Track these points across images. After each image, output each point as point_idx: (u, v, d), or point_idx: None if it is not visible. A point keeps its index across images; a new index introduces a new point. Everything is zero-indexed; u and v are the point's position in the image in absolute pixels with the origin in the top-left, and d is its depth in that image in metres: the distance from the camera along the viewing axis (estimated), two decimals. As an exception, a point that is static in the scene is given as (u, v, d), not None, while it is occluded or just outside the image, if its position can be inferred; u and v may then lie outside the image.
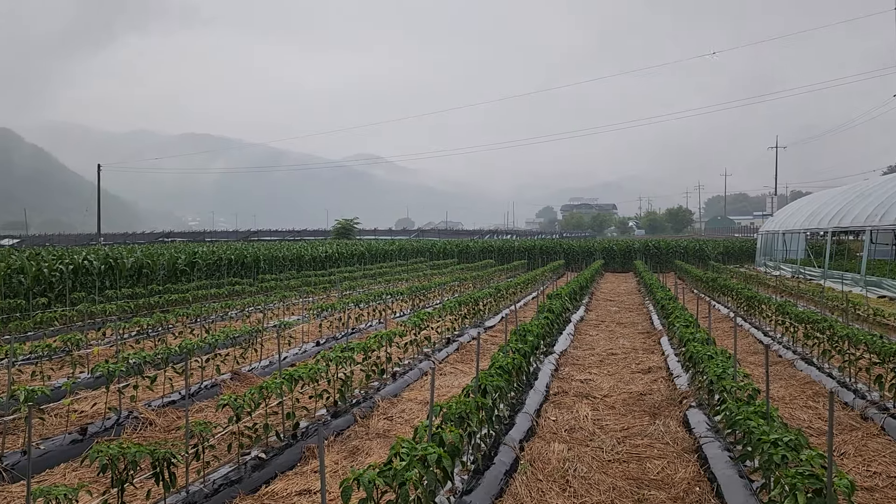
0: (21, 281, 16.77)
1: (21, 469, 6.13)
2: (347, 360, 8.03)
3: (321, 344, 12.47)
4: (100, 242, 58.67)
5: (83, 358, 10.26)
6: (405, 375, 9.80)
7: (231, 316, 14.97)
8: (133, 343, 11.53)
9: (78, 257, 19.38)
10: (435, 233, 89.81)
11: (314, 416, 7.58)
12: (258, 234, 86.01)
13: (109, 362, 7.62)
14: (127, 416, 7.60)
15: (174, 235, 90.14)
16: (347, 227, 72.54)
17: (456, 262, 41.99)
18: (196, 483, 5.52)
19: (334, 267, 32.72)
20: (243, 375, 9.81)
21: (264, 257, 28.28)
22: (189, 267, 23.57)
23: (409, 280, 25.66)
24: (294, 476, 6.07)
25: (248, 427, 6.35)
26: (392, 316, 15.99)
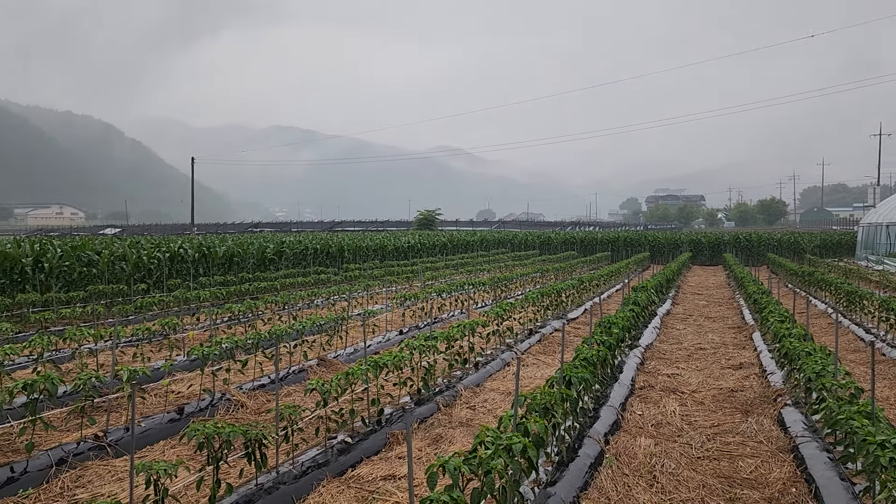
0: (123, 268, 17.73)
1: (124, 445, 6.47)
2: (431, 348, 8.08)
3: (404, 333, 12.62)
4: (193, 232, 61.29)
5: (179, 342, 10.75)
6: (487, 366, 9.79)
7: (317, 304, 15.35)
8: (225, 328, 11.98)
9: (174, 246, 20.32)
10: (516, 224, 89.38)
11: (398, 403, 7.68)
12: (342, 225, 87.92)
13: (204, 346, 7.93)
14: (220, 398, 7.89)
15: (262, 226, 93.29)
16: (429, 218, 73.13)
17: (537, 253, 41.66)
18: (285, 464, 5.69)
19: (416, 257, 33.06)
20: (329, 362, 10.04)
21: (348, 247, 28.85)
22: (277, 256, 24.31)
23: (491, 271, 25.62)
24: (379, 461, 6.16)
25: (334, 412, 6.49)
26: (474, 306, 16.01)
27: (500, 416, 7.72)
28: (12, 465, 5.67)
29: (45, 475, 5.65)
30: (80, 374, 6.54)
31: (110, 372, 7.41)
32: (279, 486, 5.32)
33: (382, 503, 5.17)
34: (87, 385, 6.29)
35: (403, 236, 38.79)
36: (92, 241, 20.35)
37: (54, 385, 5.89)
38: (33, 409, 5.81)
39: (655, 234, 49.03)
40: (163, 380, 8.09)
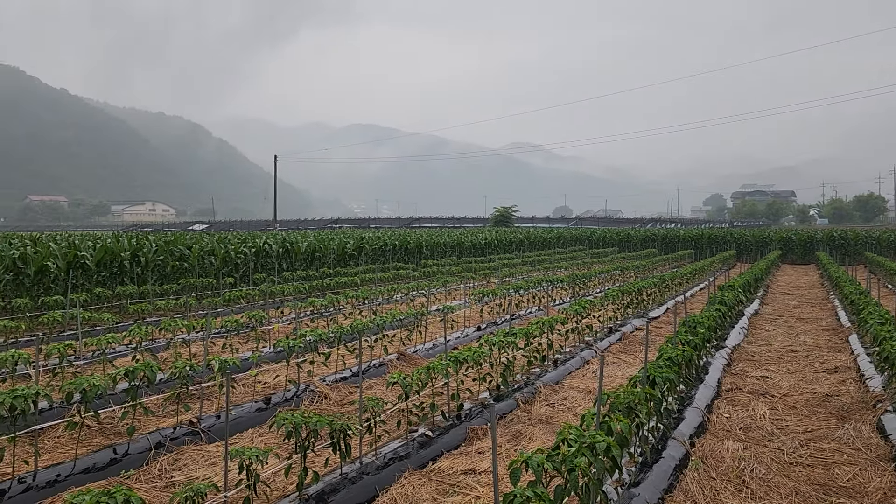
0: (212, 262, 18.47)
1: (216, 431, 6.75)
2: (510, 345, 8.07)
3: (482, 329, 12.64)
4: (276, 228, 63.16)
5: (265, 334, 11.10)
6: (566, 363, 9.70)
7: (396, 299, 15.57)
8: (308, 322, 12.30)
9: (259, 241, 21.02)
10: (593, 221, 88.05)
11: (477, 398, 7.71)
12: (419, 221, 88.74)
13: (290, 339, 8.17)
14: (304, 389, 8.11)
15: (341, 222, 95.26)
16: (506, 215, 72.94)
17: (616, 250, 40.92)
18: (368, 455, 5.81)
19: (493, 254, 33.06)
20: (408, 356, 10.17)
21: (426, 243, 29.11)
22: (357, 252, 24.79)
23: (568, 268, 25.35)
24: (459, 455, 6.20)
25: (415, 405, 6.58)
26: (551, 303, 15.88)
27: (580, 414, 7.67)
28: (115, 448, 6.00)
29: (145, 458, 5.95)
30: (175, 362, 6.86)
31: (203, 361, 7.74)
32: (362, 477, 5.44)
33: (463, 497, 5.21)
34: (182, 373, 6.60)
35: (480, 233, 38.82)
36: (183, 237, 21.28)
37: (153, 372, 6.20)
38: (134, 395, 6.13)
39: (742, 231, 47.31)
40: (251, 370, 8.40)
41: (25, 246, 15.91)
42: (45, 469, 5.45)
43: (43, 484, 5.29)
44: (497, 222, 70.59)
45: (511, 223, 71.06)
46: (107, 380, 5.91)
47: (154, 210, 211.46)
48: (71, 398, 5.66)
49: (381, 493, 5.32)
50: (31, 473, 5.33)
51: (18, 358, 6.94)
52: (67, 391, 5.61)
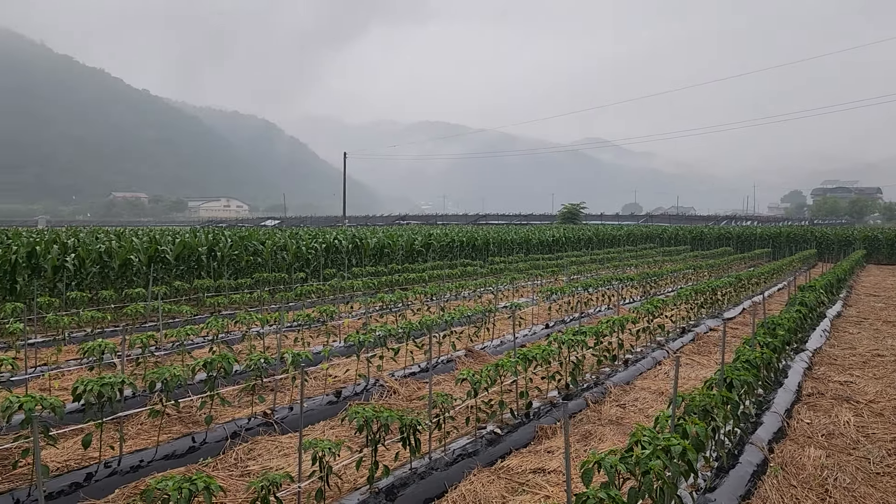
0: (284, 257, 18.92)
1: (288, 423, 6.90)
2: (579, 343, 7.97)
3: (550, 327, 12.53)
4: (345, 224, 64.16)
5: (335, 328, 11.30)
6: (637, 363, 9.51)
7: (464, 296, 15.58)
8: (377, 317, 12.45)
9: (329, 237, 21.39)
10: (664, 218, 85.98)
11: (546, 397, 7.64)
12: (486, 218, 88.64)
13: (360, 333, 8.28)
14: (374, 384, 8.21)
15: (409, 218, 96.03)
16: (573, 212, 72.05)
17: (688, 249, 39.88)
18: (437, 450, 5.83)
19: (561, 251, 32.72)
20: (476, 353, 10.16)
21: (493, 240, 29.05)
22: (425, 248, 24.94)
23: (639, 266, 24.85)
24: (528, 454, 6.16)
25: (484, 402, 6.57)
26: (621, 302, 15.60)
27: (652, 416, 7.52)
28: (193, 436, 6.20)
29: (221, 447, 6.13)
30: (250, 355, 7.05)
31: (276, 354, 7.93)
32: (431, 472, 5.46)
33: (533, 496, 5.17)
34: (257, 366, 6.77)
35: (548, 230, 38.49)
36: (256, 233, 21.86)
37: (230, 364, 6.38)
38: (212, 386, 6.33)
39: (823, 229, 45.34)
40: (322, 364, 8.55)
41: (110, 240, 16.65)
42: (129, 454, 5.69)
43: (127, 469, 5.51)
44: (564, 219, 69.83)
45: (579, 220, 70.16)
46: (186, 370, 6.12)
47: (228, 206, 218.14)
48: (154, 387, 5.88)
49: (450, 489, 5.33)
50: (117, 458, 5.56)
51: (105, 347, 7.26)
52: (150, 380, 5.83)
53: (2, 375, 7.07)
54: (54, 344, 9.60)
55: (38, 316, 10.90)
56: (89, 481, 5.24)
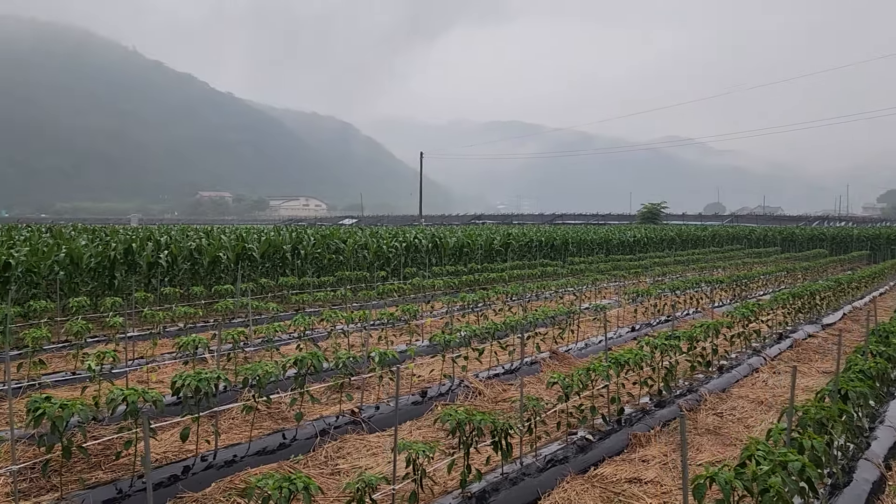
0: (365, 256, 19.13)
1: (375, 421, 6.89)
2: (673, 348, 7.66)
3: (636, 330, 12.17)
4: (421, 223, 64.64)
5: (418, 327, 11.28)
6: (732, 370, 9.09)
7: (545, 297, 15.34)
8: (459, 317, 12.37)
9: (409, 236, 21.51)
10: (751, 218, 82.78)
11: (637, 403, 7.37)
12: (562, 218, 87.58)
13: (444, 333, 8.21)
14: (458, 384, 8.13)
15: (484, 218, 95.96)
16: (654, 212, 70.31)
17: (778, 250, 38.25)
18: (528, 455, 5.68)
19: (642, 252, 31.93)
20: (561, 355, 9.94)
21: (573, 240, 28.59)
22: (504, 248, 24.77)
23: (726, 268, 23.94)
24: (622, 462, 5.94)
25: (574, 407, 6.38)
26: (710, 305, 15.02)
27: (751, 426, 7.15)
28: (284, 432, 6.26)
29: (311, 444, 6.16)
30: (336, 352, 7.08)
31: (361, 352, 7.95)
32: (523, 478, 5.32)
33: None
34: (346, 364, 6.78)
35: (629, 230, 37.62)
36: (338, 231, 22.19)
37: (319, 362, 6.41)
38: (302, 383, 6.37)
39: (931, 230, 42.62)
40: (407, 363, 8.53)
41: (200, 238, 17.22)
42: (223, 449, 5.78)
43: (221, 463, 5.60)
44: (644, 219, 68.22)
45: (659, 220, 68.38)
46: (278, 368, 6.17)
47: (307, 205, 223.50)
48: (246, 382, 5.96)
49: (543, 496, 5.19)
50: (212, 452, 5.66)
51: (199, 343, 7.44)
52: (244, 376, 5.91)
53: (104, 367, 7.33)
54: (150, 338, 9.93)
55: (135, 310, 11.33)
56: (187, 474, 5.34)
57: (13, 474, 4.54)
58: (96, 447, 5.71)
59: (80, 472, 5.43)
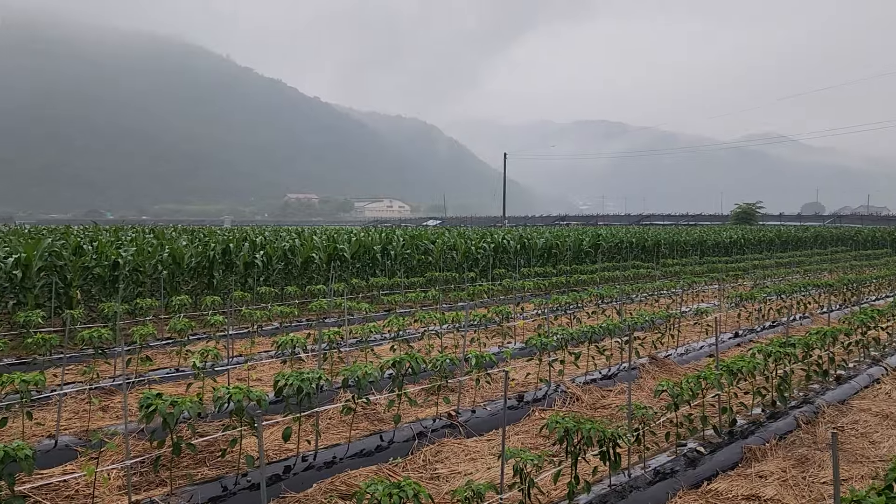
0: (453, 257, 19.08)
1: (472, 425, 6.75)
2: (788, 356, 7.17)
3: (739, 335, 11.58)
4: (505, 224, 64.31)
5: (510, 329, 11.08)
6: (851, 381, 8.46)
7: (639, 299, 14.85)
8: (552, 319, 12.11)
9: (498, 237, 21.32)
10: (855, 219, 78.30)
11: (750, 413, 6.94)
12: (650, 219, 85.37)
13: (540, 335, 7.99)
14: (555, 389, 7.89)
15: (569, 218, 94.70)
16: (748, 212, 67.54)
17: (888, 252, 35.91)
18: (636, 467, 5.41)
19: (739, 253, 30.62)
20: (660, 361, 9.54)
21: (665, 241, 27.68)
22: (593, 249, 24.23)
23: (832, 271, 22.59)
24: (736, 478, 5.57)
25: (683, 417, 6.04)
26: (818, 310, 14.15)
27: (877, 441, 6.60)
28: (381, 434, 6.20)
29: (408, 447, 6.07)
30: (432, 354, 6.98)
31: (458, 354, 7.83)
32: (631, 491, 5.06)
33: (753, 528, 4.61)
34: (442, 366, 6.67)
35: (724, 231, 36.16)
36: (426, 232, 22.26)
37: (417, 364, 6.32)
38: (399, 384, 6.30)
39: None
40: (503, 367, 8.35)
41: (293, 239, 17.58)
42: (323, 449, 5.76)
43: (321, 464, 5.58)
44: (738, 220, 65.60)
45: (754, 221, 65.60)
46: (377, 369, 6.12)
47: (391, 206, 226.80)
48: (346, 383, 5.93)
49: (655, 511, 4.91)
50: (312, 452, 5.65)
51: (296, 342, 7.50)
52: (343, 377, 5.89)
53: (207, 365, 7.49)
54: (248, 336, 10.15)
55: (233, 309, 11.63)
56: (288, 474, 5.35)
57: (126, 469, 4.64)
58: (203, 443, 5.80)
59: (188, 468, 5.52)
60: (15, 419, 6.05)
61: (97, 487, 5.03)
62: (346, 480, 5.33)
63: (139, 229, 23.60)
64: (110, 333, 8.23)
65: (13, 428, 6.12)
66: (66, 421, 6.69)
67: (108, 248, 12.73)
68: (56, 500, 5.02)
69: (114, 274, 12.22)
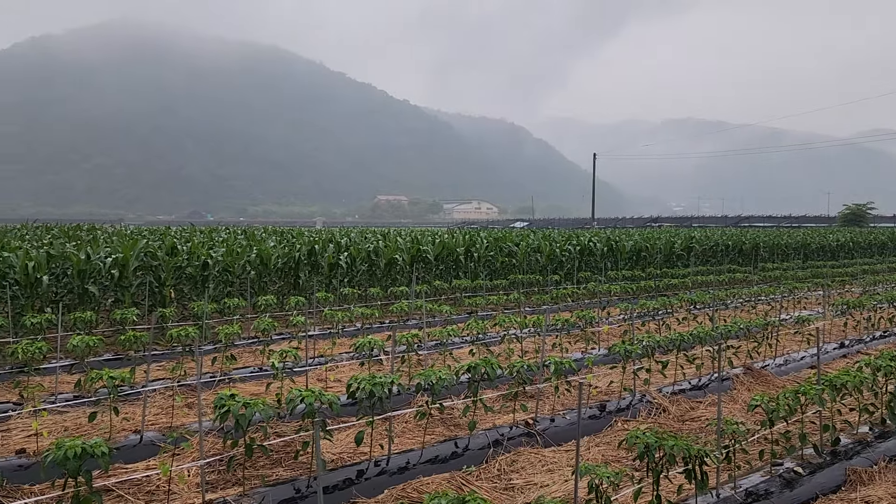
0: (537, 259, 18.77)
1: (550, 435, 6.50)
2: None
3: (845, 346, 10.78)
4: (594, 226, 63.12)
5: (594, 335, 10.73)
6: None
7: (734, 305, 14.12)
8: (639, 325, 11.66)
9: (584, 240, 20.83)
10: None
11: (855, 432, 6.38)
12: (749, 220, 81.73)
13: (625, 342, 7.65)
14: (640, 399, 7.54)
15: (661, 220, 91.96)
16: (858, 214, 63.55)
17: None
18: (725, 486, 5.04)
19: (846, 258, 28.78)
20: (756, 372, 8.97)
21: (764, 244, 26.32)
22: (685, 252, 23.32)
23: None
24: (838, 502, 5.12)
25: (779, 434, 5.60)
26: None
27: None
28: (456, 441, 6.06)
29: (483, 455, 5.91)
30: (511, 359, 6.79)
31: (535, 359, 7.61)
32: (722, 514, 4.70)
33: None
34: (520, 372, 6.47)
35: (830, 233, 34.07)
36: (510, 234, 22.02)
37: (493, 369, 6.15)
38: (475, 390, 6.14)
39: None
40: (584, 373, 8.06)
41: (377, 240, 17.74)
42: (396, 455, 5.68)
43: (394, 469, 5.49)
44: (846, 222, 61.81)
45: (865, 223, 61.60)
46: (451, 374, 5.99)
47: (479, 208, 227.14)
48: (420, 387, 5.83)
49: (748, 537, 4.54)
50: (385, 457, 5.57)
51: (374, 344, 7.47)
52: (417, 381, 5.78)
53: (286, 365, 7.58)
54: (329, 337, 10.25)
55: (317, 310, 11.78)
56: (360, 479, 5.28)
57: (202, 467, 4.69)
58: (277, 444, 5.83)
59: (263, 468, 5.56)
60: (104, 414, 6.26)
61: (175, 484, 5.12)
62: (417, 487, 5.22)
63: (232, 230, 24.46)
64: (197, 332, 8.48)
65: (102, 422, 6.35)
66: (152, 416, 6.90)
67: (199, 248, 13.18)
68: (138, 494, 5.14)
69: (204, 274, 12.63)
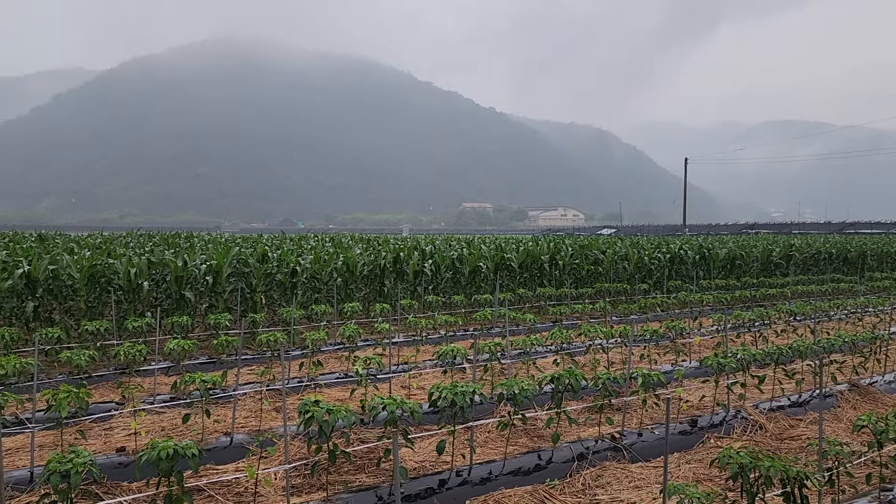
0: (625, 267, 18.31)
1: (638, 450, 6.29)
2: None
3: (965, 363, 9.96)
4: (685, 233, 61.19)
5: (685, 346, 10.35)
6: None
7: (839, 317, 13.32)
8: (733, 337, 11.17)
9: (674, 247, 20.19)
10: None
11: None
12: (855, 227, 77.18)
13: (718, 355, 7.33)
14: (734, 415, 7.20)
15: (758, 227, 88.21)
16: (976, 218, 58.90)
17: None
18: (828, 512, 4.71)
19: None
20: (863, 388, 8.42)
21: (871, 252, 24.77)
22: (784, 260, 22.21)
23: None
24: (958, 535, 4.69)
25: (890, 457, 5.21)
26: None
27: None
28: (539, 453, 5.94)
29: (567, 468, 5.77)
30: (596, 370, 6.61)
31: (622, 371, 7.38)
32: (823, 541, 4.40)
33: None
34: (605, 384, 6.29)
35: (947, 240, 31.78)
36: (596, 242, 21.62)
37: (577, 381, 6.00)
38: (559, 402, 6.01)
39: None
40: (674, 386, 7.77)
41: (462, 248, 17.76)
42: (478, 465, 5.62)
43: (476, 480, 5.43)
44: (963, 227, 57.42)
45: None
46: (534, 384, 5.89)
47: (565, 215, 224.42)
48: (502, 397, 5.75)
49: (854, 568, 4.22)
50: (467, 467, 5.52)
51: (457, 352, 7.44)
52: (500, 391, 5.71)
53: (370, 371, 7.66)
54: (413, 344, 10.31)
55: (401, 317, 11.88)
56: (441, 488, 5.25)
57: (287, 471, 4.78)
58: (360, 450, 5.88)
59: (346, 473, 5.61)
60: (197, 415, 6.49)
61: (262, 486, 5.24)
62: (499, 499, 5.15)
63: (321, 238, 25.07)
64: (286, 337, 8.69)
65: (195, 424, 6.58)
66: (242, 419, 7.11)
67: (289, 256, 13.55)
68: (227, 495, 5.29)
69: (292, 280, 12.98)
